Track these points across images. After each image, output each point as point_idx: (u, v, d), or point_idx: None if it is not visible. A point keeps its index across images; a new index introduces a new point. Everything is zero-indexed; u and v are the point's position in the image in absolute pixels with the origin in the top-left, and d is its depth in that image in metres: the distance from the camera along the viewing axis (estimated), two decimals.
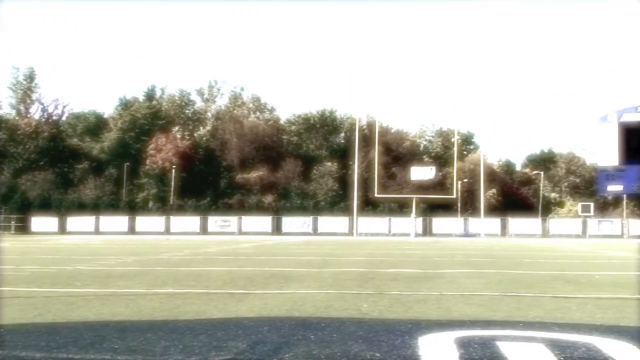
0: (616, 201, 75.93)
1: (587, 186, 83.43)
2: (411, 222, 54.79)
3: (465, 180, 74.06)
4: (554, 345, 5.22)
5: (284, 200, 75.38)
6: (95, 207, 67.03)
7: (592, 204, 58.53)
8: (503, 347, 5.17)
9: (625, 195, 61.30)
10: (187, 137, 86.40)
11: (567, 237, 52.08)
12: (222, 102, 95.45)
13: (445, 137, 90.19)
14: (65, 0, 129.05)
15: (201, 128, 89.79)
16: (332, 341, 5.45)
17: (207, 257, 19.73)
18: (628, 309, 7.93)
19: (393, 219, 59.57)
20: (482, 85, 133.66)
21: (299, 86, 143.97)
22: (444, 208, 66.23)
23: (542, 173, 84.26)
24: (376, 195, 59.16)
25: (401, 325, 6.34)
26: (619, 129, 52.57)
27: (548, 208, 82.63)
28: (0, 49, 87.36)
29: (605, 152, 53.72)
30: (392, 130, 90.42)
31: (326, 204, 74.75)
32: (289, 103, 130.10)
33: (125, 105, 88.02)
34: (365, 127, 79.34)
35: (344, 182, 75.89)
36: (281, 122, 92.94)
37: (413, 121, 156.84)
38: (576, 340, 5.50)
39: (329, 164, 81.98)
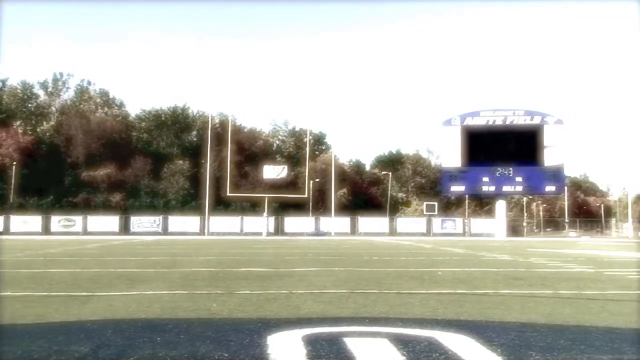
0: (459, 201, 79.68)
1: (432, 186, 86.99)
2: (263, 221, 55.00)
3: (317, 179, 75.23)
4: (398, 340, 5.36)
5: (132, 199, 73.59)
6: None
7: (436, 204, 61.15)
8: (349, 342, 5.25)
9: (467, 196, 64.50)
10: (30, 132, 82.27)
11: (413, 235, 54.10)
12: (67, 96, 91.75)
13: (297, 137, 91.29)
14: None
15: (44, 123, 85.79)
16: (179, 342, 5.34)
17: (49, 258, 18.86)
18: (467, 303, 8.29)
19: (245, 218, 59.54)
20: (333, 86, 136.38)
21: (150, 81, 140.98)
22: (296, 207, 67.00)
23: (390, 173, 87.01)
24: (228, 194, 58.90)
25: (250, 324, 6.31)
26: (462, 132, 55.51)
27: (395, 207, 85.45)
28: None
29: (449, 154, 56.42)
30: (245, 129, 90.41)
31: (177, 203, 73.71)
32: (139, 98, 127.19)
33: None
34: (218, 125, 78.85)
35: (195, 180, 75.08)
36: (130, 118, 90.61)
37: (266, 120, 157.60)
38: (419, 335, 5.67)
39: (180, 162, 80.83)
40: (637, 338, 5.88)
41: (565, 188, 68.10)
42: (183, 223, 58.78)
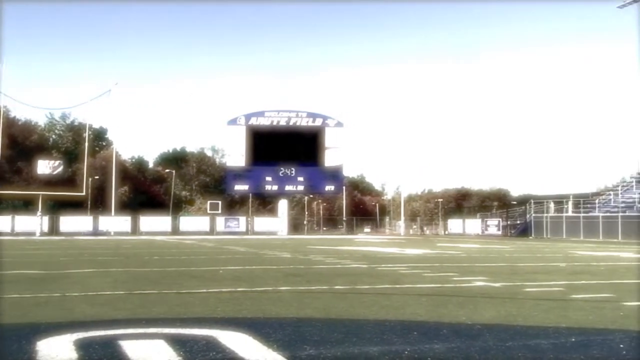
0: (243, 200, 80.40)
1: (217, 185, 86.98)
2: (37, 221, 52.05)
3: (97, 177, 72.49)
4: (175, 341, 5.30)
5: None
6: None
7: (220, 203, 61.13)
8: (124, 345, 5.11)
9: (251, 194, 65.24)
10: None
11: (196, 234, 53.73)
12: None
13: (76, 131, 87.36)
14: None
15: None
16: None
17: None
18: (247, 301, 8.40)
19: (17, 217, 55.78)
20: (116, 80, 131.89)
21: None
22: (73, 206, 64.00)
23: (173, 172, 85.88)
24: None
25: (18, 330, 5.97)
26: (247, 131, 56.07)
27: (179, 206, 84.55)
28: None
29: (233, 153, 56.76)
30: (20, 122, 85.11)
31: None
32: None
33: None
34: None
35: None
36: None
37: (42, 113, 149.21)
38: (197, 334, 5.65)
39: None
40: (405, 330, 6.25)
41: (344, 188, 71.04)
42: None
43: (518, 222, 58.17)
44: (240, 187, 58.40)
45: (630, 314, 7.51)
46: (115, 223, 56.22)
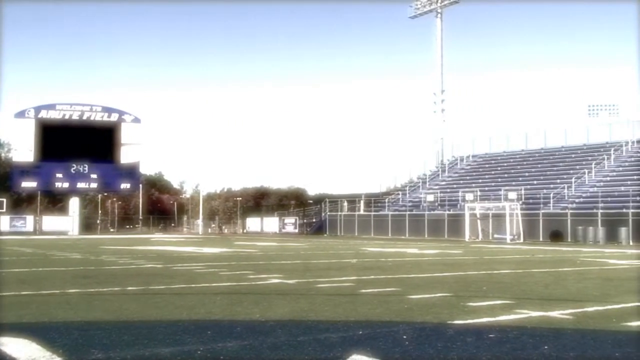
0: (31, 197, 76.09)
1: (1, 182, 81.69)
2: None
3: None
4: None
5: None
6: None
7: (4, 200, 57.48)
8: None
9: (39, 192, 61.87)
10: None
11: None
12: None
13: None
14: None
15: None
16: None
17: None
18: (32, 305, 7.97)
19: None
20: None
21: None
22: None
23: None
24: None
25: None
26: (36, 125, 53.09)
27: None
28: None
29: (21, 148, 53.52)
30: None
31: None
32: None
33: None
34: None
35: None
36: None
37: None
38: None
39: None
40: (198, 329, 6.21)
41: (141, 186, 69.40)
42: None
43: (314, 220, 59.88)
44: (28, 184, 55.23)
45: (414, 306, 7.97)
46: None
